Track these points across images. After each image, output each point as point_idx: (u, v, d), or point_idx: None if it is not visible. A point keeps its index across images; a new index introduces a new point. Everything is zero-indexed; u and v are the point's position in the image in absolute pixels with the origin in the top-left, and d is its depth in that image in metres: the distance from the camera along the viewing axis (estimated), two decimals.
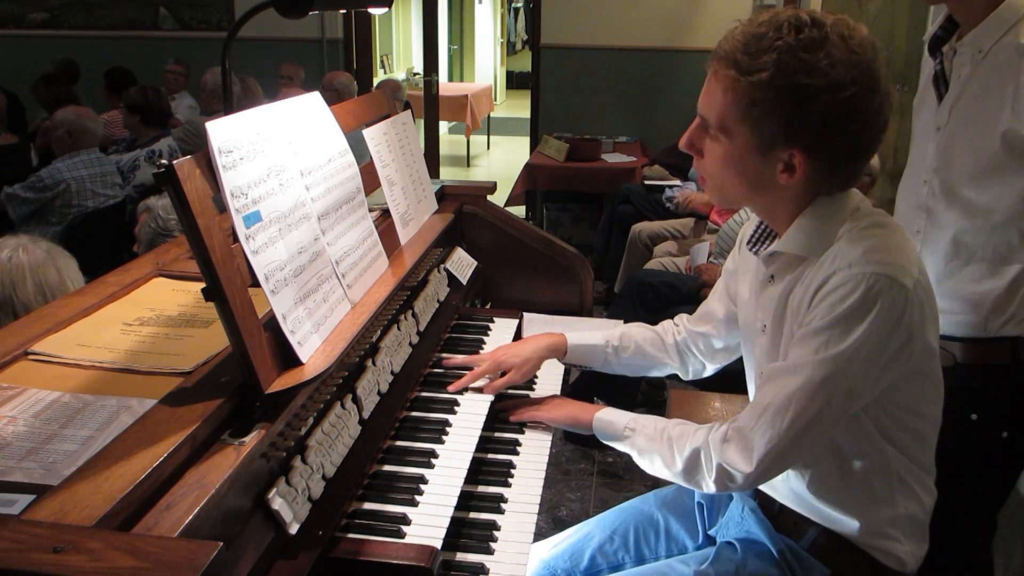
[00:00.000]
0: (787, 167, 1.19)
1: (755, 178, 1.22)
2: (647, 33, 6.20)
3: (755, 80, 1.14)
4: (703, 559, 1.40)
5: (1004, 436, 1.63)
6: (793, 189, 1.23)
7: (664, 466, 1.36)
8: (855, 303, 1.15)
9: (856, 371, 1.17)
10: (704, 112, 1.23)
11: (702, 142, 1.26)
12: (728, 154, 1.22)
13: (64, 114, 3.99)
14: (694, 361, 1.64)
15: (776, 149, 1.18)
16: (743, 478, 1.25)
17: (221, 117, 1.18)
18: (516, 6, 15.06)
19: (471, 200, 2.22)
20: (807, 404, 1.18)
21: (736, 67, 1.16)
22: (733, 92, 1.17)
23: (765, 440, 1.21)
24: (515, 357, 1.64)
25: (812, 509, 1.34)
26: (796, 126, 1.15)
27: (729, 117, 1.19)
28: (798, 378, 1.19)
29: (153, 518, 0.89)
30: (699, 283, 3.40)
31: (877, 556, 1.30)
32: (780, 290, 1.29)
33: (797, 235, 1.25)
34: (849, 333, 1.15)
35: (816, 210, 1.24)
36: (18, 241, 1.80)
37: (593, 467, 3.16)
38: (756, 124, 1.17)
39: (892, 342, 1.17)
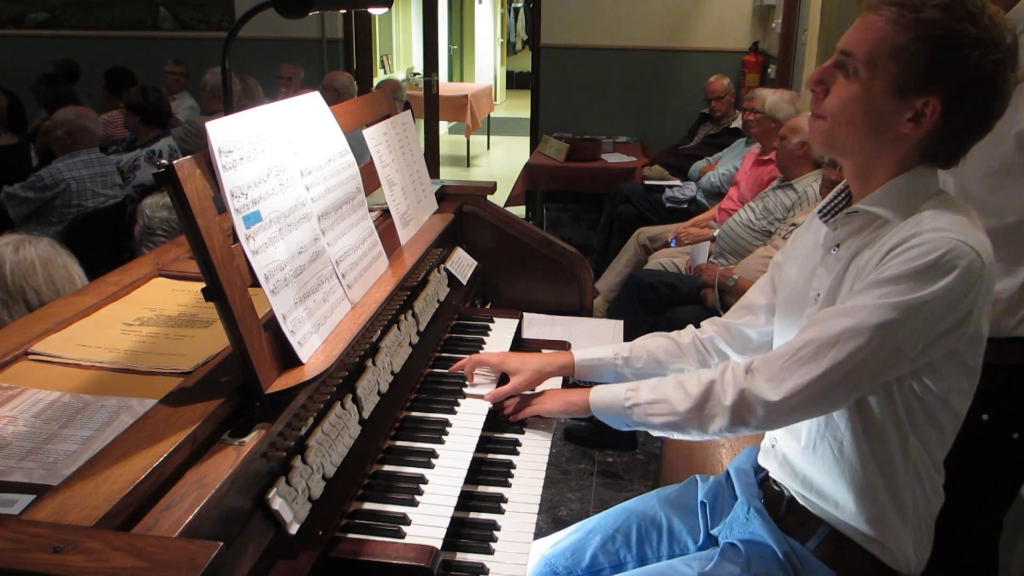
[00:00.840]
0: (916, 116, 1.19)
1: (879, 121, 1.22)
2: (647, 33, 6.21)
3: (922, 17, 1.16)
4: (707, 561, 1.39)
5: (1015, 437, 1.63)
6: (906, 145, 1.23)
7: (673, 407, 1.33)
8: (934, 260, 1.15)
9: (911, 328, 1.16)
10: (851, 45, 1.22)
11: (833, 78, 1.25)
12: (862, 90, 1.21)
13: (64, 114, 4.00)
14: (718, 360, 1.59)
15: (915, 93, 1.18)
16: (763, 410, 1.23)
17: (221, 117, 1.18)
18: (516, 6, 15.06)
19: (471, 200, 2.22)
20: (855, 346, 1.17)
21: (903, 5, 1.18)
22: (893, 27, 1.18)
23: (800, 373, 1.20)
24: (521, 364, 1.61)
25: (829, 496, 1.33)
26: (944, 71, 1.16)
27: (882, 49, 1.19)
28: (851, 319, 1.18)
29: (153, 518, 0.89)
30: (699, 283, 3.40)
31: (883, 558, 1.30)
32: (845, 255, 1.29)
33: (884, 195, 1.25)
34: (919, 288, 1.15)
35: (910, 177, 1.25)
36: (20, 237, 1.80)
37: (593, 467, 3.16)
38: (908, 60, 1.17)
39: (954, 312, 1.16)
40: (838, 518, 1.33)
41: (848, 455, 1.29)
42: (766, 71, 5.73)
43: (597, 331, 2.14)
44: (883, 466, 1.27)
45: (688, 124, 5.84)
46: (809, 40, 4.55)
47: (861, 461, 1.28)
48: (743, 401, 1.25)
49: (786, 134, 3.46)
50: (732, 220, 3.64)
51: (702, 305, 3.31)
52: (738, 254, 3.53)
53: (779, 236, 3.29)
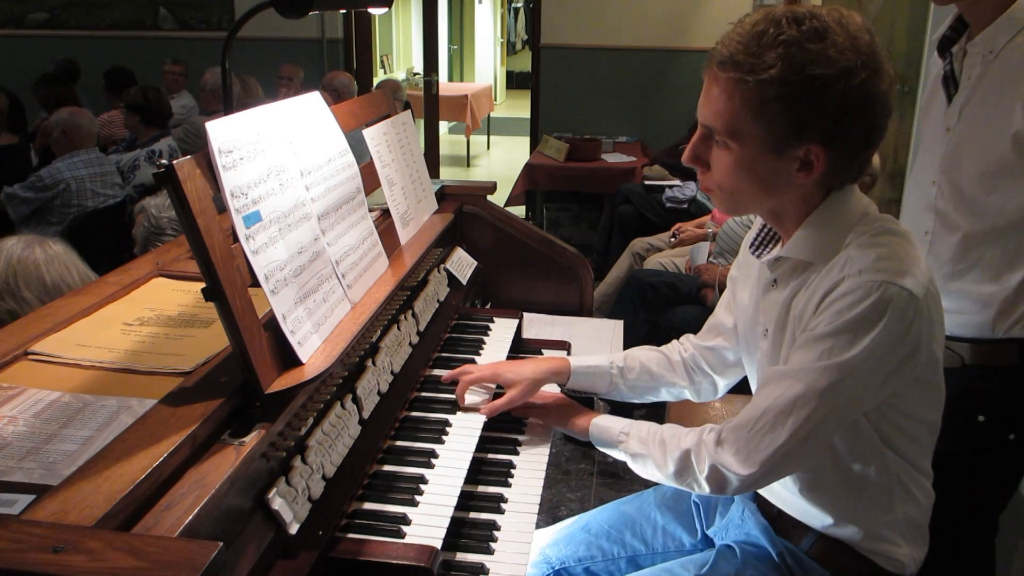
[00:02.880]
0: (804, 164, 1.16)
1: (769, 181, 1.19)
2: (647, 33, 6.21)
3: (764, 78, 1.10)
4: (703, 563, 1.39)
5: (1011, 438, 1.63)
6: (808, 188, 1.20)
7: (656, 468, 1.35)
8: (864, 311, 1.12)
9: (860, 380, 1.15)
10: (708, 121, 1.19)
11: (708, 153, 1.22)
12: (740, 160, 1.17)
13: (58, 115, 4.01)
14: (704, 380, 1.59)
15: (791, 147, 1.14)
16: (738, 481, 1.23)
17: (221, 117, 1.18)
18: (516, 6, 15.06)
19: (471, 200, 2.22)
20: (809, 411, 1.16)
21: (740, 68, 1.12)
22: (741, 94, 1.13)
23: (763, 444, 1.20)
24: (514, 375, 1.57)
25: (810, 515, 1.33)
26: (812, 120, 1.12)
27: (739, 120, 1.14)
28: (800, 384, 1.17)
29: (153, 518, 0.89)
30: (699, 283, 3.40)
31: (877, 560, 1.30)
32: (783, 295, 1.27)
33: (804, 239, 1.23)
34: (856, 342, 1.13)
35: (824, 212, 1.22)
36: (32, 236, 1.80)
37: (593, 467, 3.16)
38: (770, 123, 1.13)
39: (898, 352, 1.15)
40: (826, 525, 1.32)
41: (824, 482, 1.29)
42: None
43: (597, 331, 2.14)
44: (862, 488, 1.27)
45: (688, 124, 5.83)
46: None
47: (842, 486, 1.28)
48: (717, 475, 1.25)
49: None
50: (732, 220, 3.64)
51: (702, 305, 3.31)
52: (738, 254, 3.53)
53: None
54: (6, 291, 1.68)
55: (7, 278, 1.69)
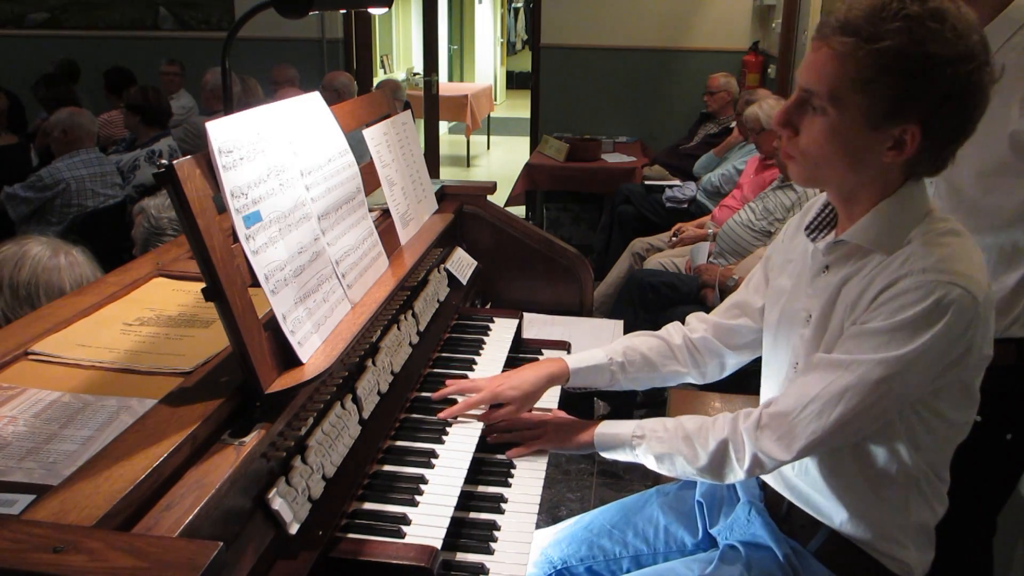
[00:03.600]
0: (896, 143, 1.15)
1: (857, 155, 1.17)
2: (647, 33, 6.21)
3: (881, 47, 1.09)
4: (707, 562, 1.39)
5: (1008, 438, 1.62)
6: (892, 170, 1.19)
7: (687, 463, 1.33)
8: (925, 310, 1.12)
9: (912, 376, 1.15)
10: (810, 84, 1.17)
11: (800, 118, 1.20)
12: (834, 128, 1.16)
13: (58, 115, 4.02)
14: (712, 360, 1.57)
15: (889, 123, 1.13)
16: (775, 465, 1.25)
17: (221, 117, 1.18)
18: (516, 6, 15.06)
19: (471, 200, 2.22)
20: (858, 402, 1.17)
21: (858, 35, 1.11)
22: (853, 60, 1.11)
23: (809, 431, 1.21)
24: (514, 390, 1.53)
25: (825, 511, 1.33)
26: (917, 98, 1.11)
27: (844, 87, 1.13)
28: (852, 375, 1.17)
29: (153, 518, 0.89)
30: (699, 283, 3.40)
31: (885, 563, 1.30)
32: (834, 281, 1.26)
33: (870, 225, 1.22)
34: (914, 338, 1.13)
35: (896, 201, 1.21)
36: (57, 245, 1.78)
37: (593, 467, 3.16)
38: (875, 94, 1.12)
39: (952, 352, 1.15)
40: (838, 523, 1.32)
41: (845, 475, 1.29)
42: (766, 71, 5.73)
43: (597, 331, 2.14)
44: (882, 485, 1.27)
45: (688, 124, 5.84)
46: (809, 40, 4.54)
47: (859, 474, 1.28)
48: (757, 461, 1.26)
49: None
50: (732, 220, 3.64)
51: (702, 305, 3.31)
52: (738, 254, 3.53)
53: None
54: (25, 299, 1.68)
55: (29, 286, 1.68)
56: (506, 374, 1.60)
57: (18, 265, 1.69)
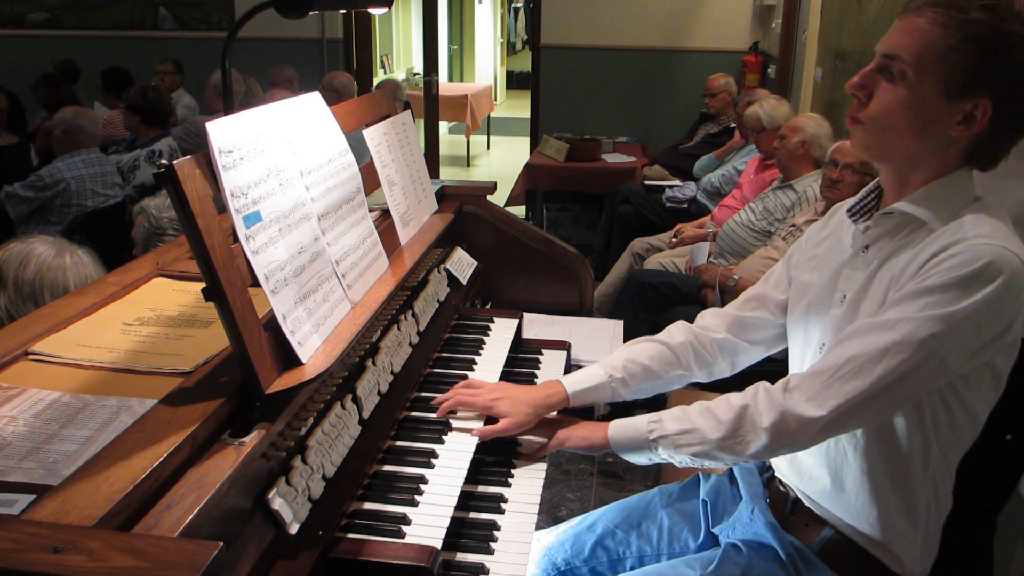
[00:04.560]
0: (966, 118, 1.18)
1: (927, 125, 1.20)
2: (647, 33, 6.21)
3: (970, 18, 1.14)
4: (709, 561, 1.39)
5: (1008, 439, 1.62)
6: (955, 148, 1.21)
7: (704, 436, 1.28)
8: (977, 269, 1.12)
9: (958, 340, 1.14)
10: (896, 49, 1.20)
11: (876, 83, 1.22)
12: (910, 95, 1.19)
13: (62, 114, 4.01)
14: (722, 359, 1.54)
15: (965, 95, 1.17)
16: (805, 426, 1.20)
17: (221, 117, 1.18)
18: (516, 6, 15.06)
19: (471, 200, 2.21)
20: (901, 359, 1.15)
21: (948, 6, 1.16)
22: (942, 27, 1.16)
23: (844, 389, 1.18)
24: (510, 407, 1.48)
25: (835, 503, 1.32)
26: (995, 72, 1.15)
27: (929, 52, 1.16)
28: (896, 333, 1.15)
29: (153, 518, 0.89)
30: (699, 283, 3.40)
31: (887, 562, 1.29)
32: (876, 258, 1.27)
33: (924, 198, 1.23)
34: (964, 298, 1.13)
35: (951, 181, 1.23)
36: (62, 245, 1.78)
37: (593, 467, 3.16)
38: (957, 62, 1.15)
39: (999, 321, 1.15)
40: (845, 521, 1.32)
41: (862, 459, 1.27)
42: (766, 71, 5.73)
43: (597, 331, 2.14)
44: (899, 474, 1.26)
45: (688, 124, 5.84)
46: (809, 40, 4.55)
47: (876, 467, 1.27)
48: (783, 421, 1.21)
49: (786, 133, 3.46)
50: (732, 220, 3.64)
51: (702, 305, 3.31)
52: (738, 254, 3.53)
53: (779, 237, 3.29)
54: (29, 297, 1.68)
55: (34, 284, 1.68)
56: (506, 388, 1.55)
57: (23, 263, 1.70)
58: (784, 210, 3.42)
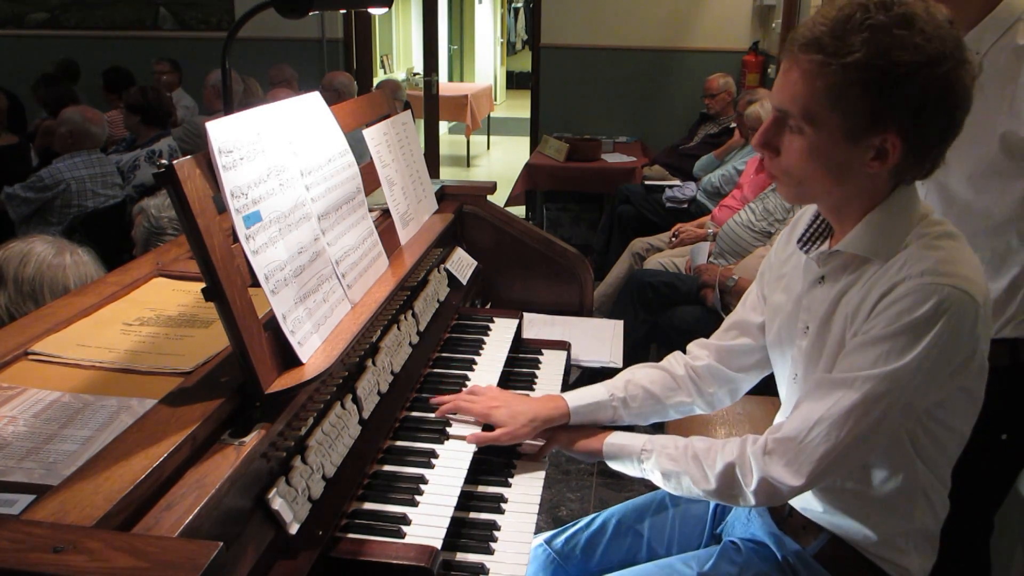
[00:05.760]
0: (879, 153, 1.13)
1: (841, 169, 1.16)
2: (647, 33, 6.21)
3: (848, 61, 1.08)
4: (705, 559, 1.39)
5: (1003, 438, 1.62)
6: (879, 179, 1.18)
7: (693, 484, 1.31)
8: (925, 314, 1.11)
9: (917, 384, 1.14)
10: (784, 104, 1.16)
11: (779, 139, 1.19)
12: (813, 145, 1.15)
13: (70, 113, 4.00)
14: (719, 388, 1.52)
15: (868, 134, 1.12)
16: (788, 491, 1.22)
17: (221, 117, 1.18)
18: (516, 6, 15.06)
19: (471, 200, 2.21)
20: (864, 417, 1.15)
21: (824, 51, 1.10)
22: (822, 77, 1.10)
23: (819, 454, 1.18)
24: (508, 418, 1.47)
25: (827, 517, 1.32)
26: (892, 107, 1.09)
27: (817, 104, 1.12)
28: (856, 392, 1.15)
29: (153, 518, 0.89)
30: (699, 283, 3.40)
31: (886, 568, 1.29)
32: (832, 292, 1.25)
33: (864, 234, 1.20)
34: (914, 345, 1.11)
35: (888, 208, 1.19)
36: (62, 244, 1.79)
37: (593, 467, 3.16)
38: (849, 108, 1.10)
39: (957, 357, 1.14)
40: (840, 528, 1.32)
41: (851, 486, 1.28)
42: (766, 71, 5.73)
43: (597, 331, 2.14)
44: (887, 495, 1.26)
45: (688, 124, 5.84)
46: None
47: (864, 485, 1.27)
48: (767, 487, 1.23)
49: None
50: (732, 220, 3.64)
51: (702, 305, 3.31)
52: (738, 254, 3.53)
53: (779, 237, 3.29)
54: (29, 295, 1.68)
55: (34, 283, 1.69)
56: (507, 397, 1.54)
57: (23, 261, 1.71)
58: (784, 210, 3.42)
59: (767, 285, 1.46)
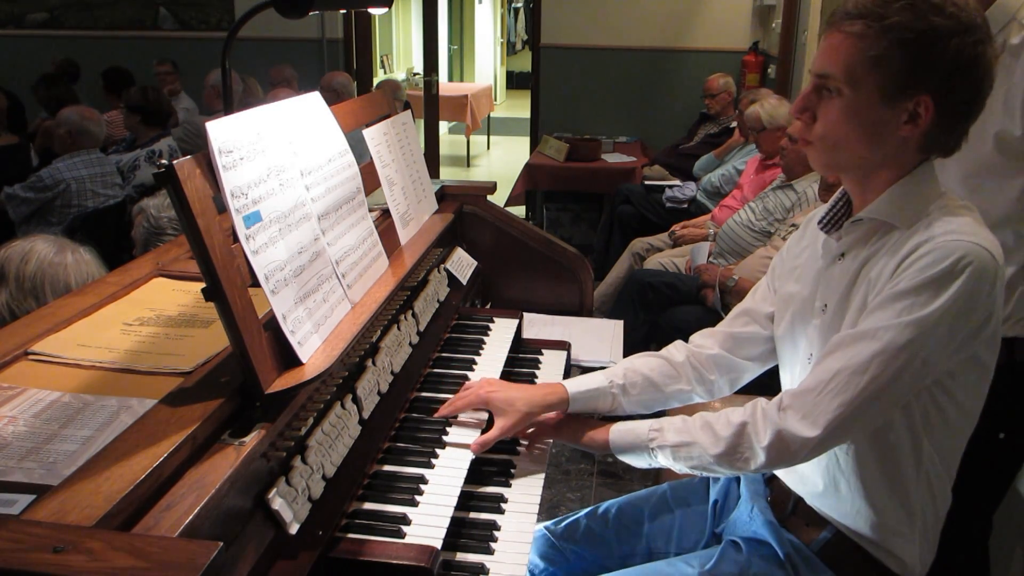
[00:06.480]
0: (912, 117, 1.19)
1: (876, 131, 1.21)
2: (647, 33, 6.21)
3: (889, 23, 1.16)
4: (707, 558, 1.39)
5: (1001, 437, 1.63)
6: (908, 147, 1.23)
7: (703, 451, 1.29)
8: (947, 267, 1.14)
9: (937, 339, 1.16)
10: (826, 68, 1.22)
11: (817, 103, 1.25)
12: (851, 107, 1.21)
13: (68, 113, 4.00)
14: (720, 376, 1.53)
15: (904, 96, 1.18)
16: (804, 444, 1.21)
17: (221, 117, 1.18)
18: (516, 6, 15.05)
19: (471, 200, 2.22)
20: (885, 368, 1.16)
21: (867, 17, 1.18)
22: (863, 39, 1.18)
23: (836, 404, 1.19)
24: (506, 403, 1.46)
25: (830, 503, 1.32)
26: (927, 69, 1.16)
27: (858, 66, 1.19)
28: (878, 342, 1.17)
29: (153, 518, 0.89)
30: (699, 283, 3.40)
31: (887, 562, 1.30)
32: (852, 266, 1.28)
33: (889, 202, 1.25)
34: (937, 297, 1.14)
35: (913, 180, 1.25)
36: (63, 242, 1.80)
37: (593, 467, 3.16)
38: (887, 69, 1.17)
39: (976, 315, 1.17)
40: (843, 522, 1.32)
41: (855, 464, 1.28)
42: (766, 71, 5.73)
43: (597, 331, 2.14)
44: (892, 476, 1.27)
45: (688, 124, 5.84)
46: (809, 40, 4.55)
47: (869, 470, 1.27)
48: (780, 441, 1.23)
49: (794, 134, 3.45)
50: (732, 220, 3.64)
51: (702, 305, 3.31)
52: (738, 254, 3.53)
53: (779, 237, 3.29)
54: (31, 292, 1.69)
55: (35, 280, 1.70)
56: (502, 384, 1.53)
57: (25, 259, 1.72)
58: (784, 210, 3.42)
59: (778, 278, 1.48)
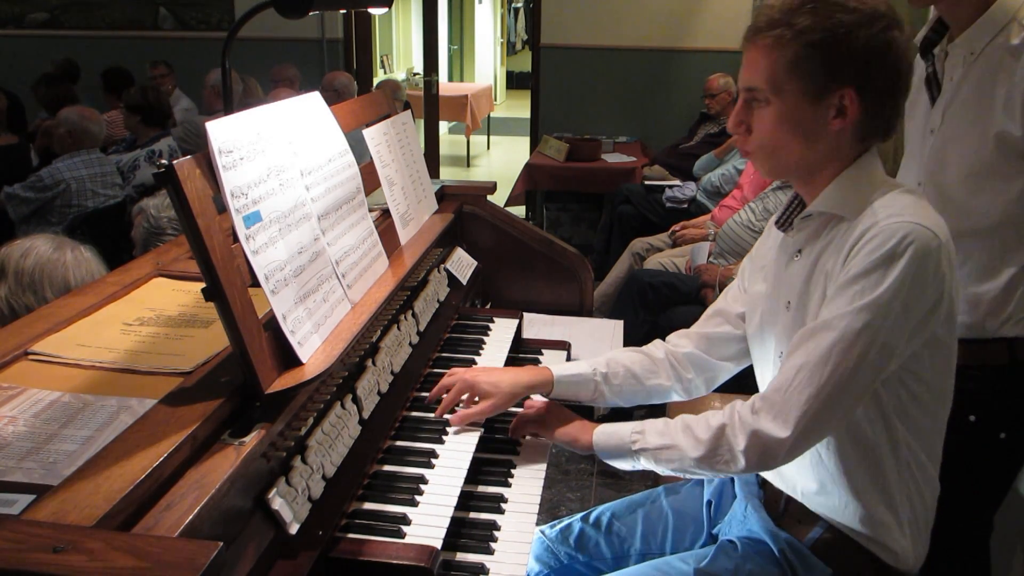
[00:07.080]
0: (839, 111, 1.24)
1: (808, 131, 1.26)
2: (647, 33, 6.20)
3: (797, 29, 1.22)
4: (702, 557, 1.39)
5: (1002, 437, 1.63)
6: (844, 139, 1.27)
7: (683, 454, 1.31)
8: (890, 249, 1.17)
9: (893, 320, 1.18)
10: (750, 82, 1.28)
11: (750, 116, 1.30)
12: (781, 113, 1.26)
13: (68, 113, 4.00)
14: (698, 375, 1.56)
15: (827, 93, 1.24)
16: (780, 445, 1.22)
17: (221, 117, 1.18)
18: (516, 6, 15.05)
19: (471, 200, 2.22)
20: (845, 355, 1.19)
21: (776, 26, 1.24)
22: (778, 49, 1.24)
23: (803, 399, 1.20)
24: (490, 385, 1.50)
25: (820, 499, 1.33)
26: (842, 63, 1.22)
27: (779, 73, 1.24)
28: (835, 331, 1.20)
29: (153, 518, 0.89)
30: (699, 283, 3.40)
31: (880, 555, 1.31)
32: (808, 261, 1.31)
33: (835, 193, 1.29)
34: (885, 278, 1.17)
35: (856, 170, 1.29)
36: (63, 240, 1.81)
37: (593, 467, 3.16)
38: (805, 71, 1.23)
39: (927, 294, 1.19)
40: (833, 518, 1.33)
41: (835, 459, 1.30)
42: None
43: (597, 331, 2.14)
44: (871, 467, 1.28)
45: (688, 124, 5.84)
46: None
47: (849, 464, 1.29)
48: (757, 444, 1.24)
49: None
50: (732, 220, 3.64)
51: (702, 305, 3.31)
52: (738, 254, 3.53)
53: None
54: (29, 287, 1.70)
55: (33, 275, 1.71)
56: (487, 368, 1.59)
57: (24, 255, 1.74)
58: None
59: (748, 278, 1.52)
